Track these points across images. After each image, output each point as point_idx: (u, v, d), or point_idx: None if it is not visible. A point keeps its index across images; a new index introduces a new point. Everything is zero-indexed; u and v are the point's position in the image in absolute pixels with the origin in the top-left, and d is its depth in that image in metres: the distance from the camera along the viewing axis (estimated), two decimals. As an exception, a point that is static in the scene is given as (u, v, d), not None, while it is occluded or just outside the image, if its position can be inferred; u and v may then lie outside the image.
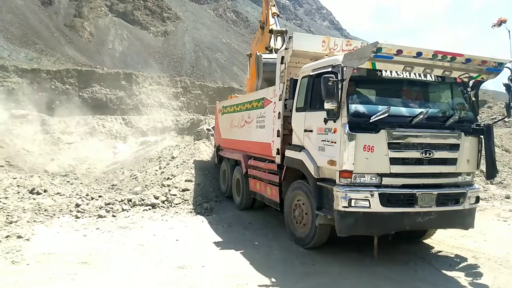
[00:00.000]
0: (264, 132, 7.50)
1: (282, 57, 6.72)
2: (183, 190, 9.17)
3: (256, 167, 7.86)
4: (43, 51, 30.18)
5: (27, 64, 24.48)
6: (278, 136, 6.77)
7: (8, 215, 7.29)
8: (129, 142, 19.70)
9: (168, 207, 8.55)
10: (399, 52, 4.74)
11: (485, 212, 8.49)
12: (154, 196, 8.81)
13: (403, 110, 5.28)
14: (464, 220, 5.46)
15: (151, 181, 9.87)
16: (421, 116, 5.01)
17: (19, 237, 6.21)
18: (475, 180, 6.00)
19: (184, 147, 12.50)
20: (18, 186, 9.46)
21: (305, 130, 5.82)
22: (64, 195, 9.26)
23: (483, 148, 5.54)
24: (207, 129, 15.69)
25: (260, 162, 7.64)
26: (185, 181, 9.54)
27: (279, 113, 6.74)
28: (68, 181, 11.19)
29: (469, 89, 5.70)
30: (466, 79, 5.55)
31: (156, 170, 10.57)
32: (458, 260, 5.70)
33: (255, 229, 7.32)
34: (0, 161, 12.17)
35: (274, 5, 11.16)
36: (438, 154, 5.16)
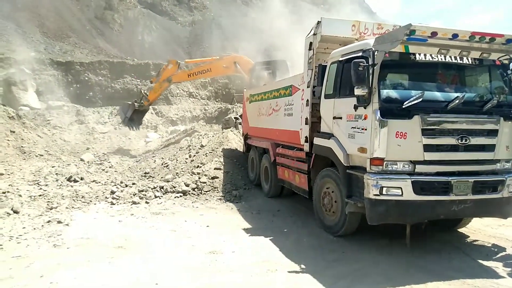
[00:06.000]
0: (292, 120, 7.46)
1: (310, 43, 6.60)
2: (213, 178, 9.31)
3: (284, 155, 7.85)
4: (76, 44, 31.11)
5: (61, 57, 25.32)
6: (306, 123, 6.71)
7: (49, 202, 7.70)
8: (160, 132, 20.13)
9: (198, 194, 8.73)
10: (434, 34, 4.56)
11: (525, 201, 8.10)
12: (184, 183, 9.01)
13: (438, 95, 5.09)
14: (502, 209, 5.24)
15: (182, 169, 10.08)
16: (457, 101, 4.82)
17: (59, 222, 6.55)
18: (515, 168, 5.72)
19: (213, 136, 12.64)
20: (56, 174, 9.95)
21: (334, 117, 5.74)
22: (99, 182, 9.66)
23: (524, 134, 5.27)
24: (235, 117, 15.74)
25: (288, 150, 7.62)
26: (214, 169, 9.68)
27: (307, 100, 6.67)
28: (103, 169, 11.63)
29: (509, 72, 5.40)
30: (506, 61, 5.27)
31: (186, 158, 10.78)
32: (496, 249, 5.51)
33: (284, 217, 7.35)
34: (39, 150, 12.75)
35: None
36: (475, 140, 4.96)
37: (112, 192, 8.56)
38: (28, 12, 30.00)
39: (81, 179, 9.75)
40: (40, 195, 8.02)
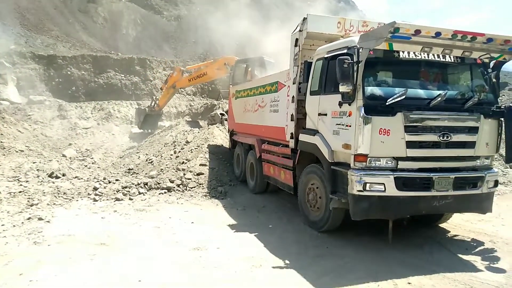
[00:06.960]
0: (278, 116, 7.46)
1: (296, 40, 6.61)
2: (198, 174, 9.26)
3: (269, 152, 7.86)
4: (58, 37, 30.35)
5: (43, 50, 24.69)
6: (292, 120, 6.73)
7: (29, 198, 7.53)
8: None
9: (183, 190, 8.66)
10: (417, 32, 4.61)
11: (503, 196, 8.35)
12: (169, 180, 8.93)
13: (421, 92, 5.17)
14: (481, 204, 5.39)
15: (166, 165, 9.98)
16: (439, 99, 4.91)
17: (40, 219, 6.41)
18: (494, 164, 5.88)
19: (198, 132, 12.56)
20: (37, 170, 9.73)
21: (320, 114, 5.77)
22: (82, 178, 9.49)
23: (503, 131, 5.41)
24: (220, 113, 15.69)
25: (274, 147, 7.63)
26: (200, 165, 9.63)
27: (293, 97, 6.68)
28: (86, 165, 11.43)
29: (489, 70, 5.53)
30: (487, 60, 5.39)
31: (171, 155, 10.68)
32: (475, 244, 5.65)
33: (269, 213, 7.37)
34: (20, 146, 12.42)
35: None
36: (456, 137, 5.06)
37: (95, 189, 8.43)
38: (8, 3, 29.11)
39: (63, 175, 9.56)
40: (20, 192, 7.83)
